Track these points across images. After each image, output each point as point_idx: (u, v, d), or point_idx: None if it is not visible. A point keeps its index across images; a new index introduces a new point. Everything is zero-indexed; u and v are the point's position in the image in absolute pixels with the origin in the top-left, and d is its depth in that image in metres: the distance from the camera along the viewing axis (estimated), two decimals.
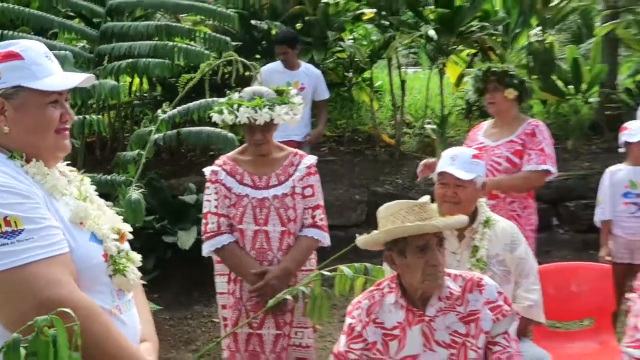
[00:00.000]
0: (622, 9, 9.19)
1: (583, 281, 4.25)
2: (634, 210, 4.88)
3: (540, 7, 8.38)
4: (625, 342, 2.67)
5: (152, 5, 6.18)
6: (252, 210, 3.54)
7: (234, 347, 3.58)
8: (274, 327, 3.57)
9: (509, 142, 4.58)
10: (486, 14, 8.97)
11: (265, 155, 3.63)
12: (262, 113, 3.42)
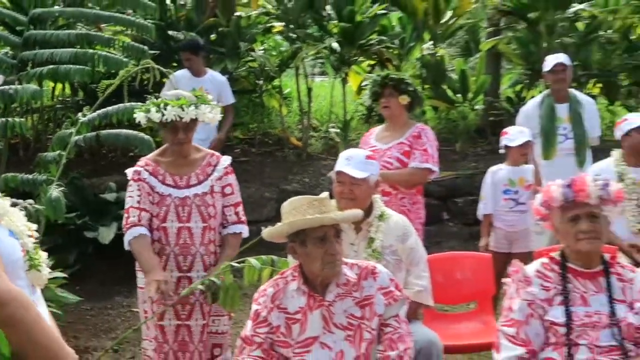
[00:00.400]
0: (503, 27, 9.49)
1: (467, 269, 4.35)
2: (512, 206, 5.04)
3: (432, 23, 8.56)
4: (500, 322, 2.77)
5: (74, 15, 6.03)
6: (175, 209, 3.50)
7: (162, 338, 3.50)
8: (201, 318, 3.53)
9: (399, 144, 4.69)
10: (384, 29, 9.11)
11: (185, 156, 3.60)
12: (189, 111, 3.40)
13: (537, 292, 2.70)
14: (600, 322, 2.65)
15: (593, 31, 9.01)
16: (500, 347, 2.69)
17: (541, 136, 5.68)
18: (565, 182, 2.78)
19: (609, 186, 2.81)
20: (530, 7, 8.69)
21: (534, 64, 8.52)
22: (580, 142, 5.65)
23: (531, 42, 8.89)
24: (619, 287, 2.74)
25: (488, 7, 9.37)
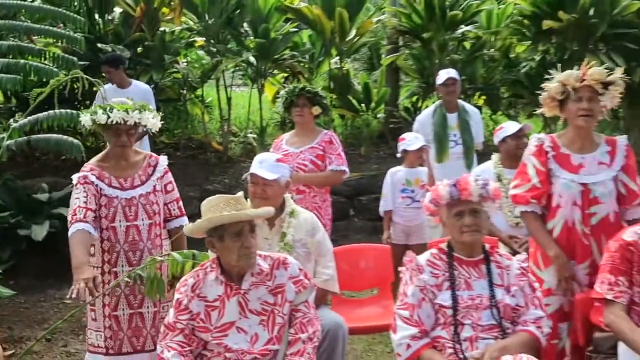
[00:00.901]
0: (401, 45, 9.68)
1: (369, 259, 4.40)
2: (409, 203, 5.13)
3: (338, 41, 8.64)
4: (396, 306, 2.83)
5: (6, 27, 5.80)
6: (122, 209, 3.39)
7: (117, 327, 3.40)
8: (152, 306, 3.45)
9: (311, 148, 4.73)
10: (296, 45, 9.15)
11: (126, 159, 3.51)
12: (133, 115, 3.32)
13: (427, 279, 2.77)
14: (481, 304, 2.74)
15: (478, 50, 9.30)
16: (397, 328, 2.75)
17: (434, 142, 5.81)
18: (451, 182, 2.86)
19: (488, 185, 2.90)
20: (424, 28, 8.89)
21: (428, 78, 8.74)
22: (468, 147, 5.82)
23: (425, 59, 9.10)
24: (498, 273, 2.83)
25: (387, 27, 9.56)
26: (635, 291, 2.81)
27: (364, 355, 4.57)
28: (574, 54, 8.66)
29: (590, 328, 3.01)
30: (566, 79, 3.15)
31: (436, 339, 2.73)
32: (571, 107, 3.15)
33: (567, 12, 8.53)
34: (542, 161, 3.21)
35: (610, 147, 3.26)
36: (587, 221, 3.16)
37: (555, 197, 3.19)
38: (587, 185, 3.15)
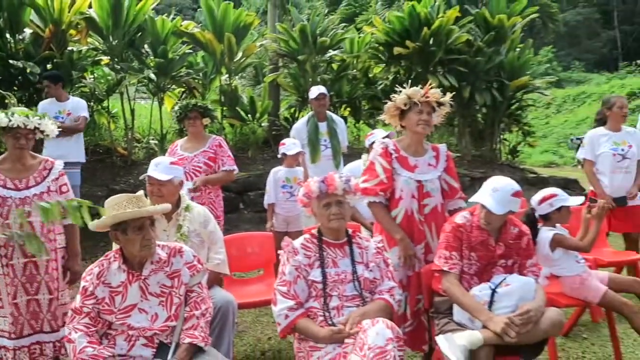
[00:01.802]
0: (281, 65, 9.70)
1: (255, 245, 4.37)
2: (288, 197, 5.15)
3: (227, 61, 8.53)
4: (276, 283, 2.82)
5: None
6: (16, 208, 3.18)
7: (17, 312, 3.19)
8: (48, 293, 3.26)
9: (203, 152, 4.65)
10: (191, 64, 8.94)
11: (23, 162, 3.28)
12: (33, 120, 3.18)
13: (301, 259, 2.79)
14: (346, 278, 2.79)
15: (343, 70, 9.51)
16: (277, 301, 2.74)
17: (309, 146, 5.88)
18: (320, 179, 2.90)
19: (350, 181, 2.96)
20: (299, 52, 8.97)
21: (303, 93, 8.82)
22: (336, 150, 5.92)
23: (301, 77, 9.19)
24: (359, 253, 2.89)
25: (269, 50, 9.55)
26: (464, 263, 2.96)
27: (252, 326, 4.54)
28: (419, 75, 9.05)
29: (432, 294, 3.14)
30: (413, 93, 3.26)
31: (310, 309, 2.74)
32: (413, 117, 3.27)
33: (413, 41, 8.90)
34: (388, 161, 3.29)
35: (435, 152, 3.42)
36: (422, 211, 3.29)
37: (397, 191, 3.29)
38: (421, 181, 3.29)
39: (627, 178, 5.02)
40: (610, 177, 5.02)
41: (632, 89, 23.96)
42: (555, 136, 23.64)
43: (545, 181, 9.65)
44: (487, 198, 2.87)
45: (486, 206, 2.85)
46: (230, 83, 8.94)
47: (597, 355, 3.82)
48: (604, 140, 5.06)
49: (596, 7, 39.51)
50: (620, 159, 5.00)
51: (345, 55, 9.55)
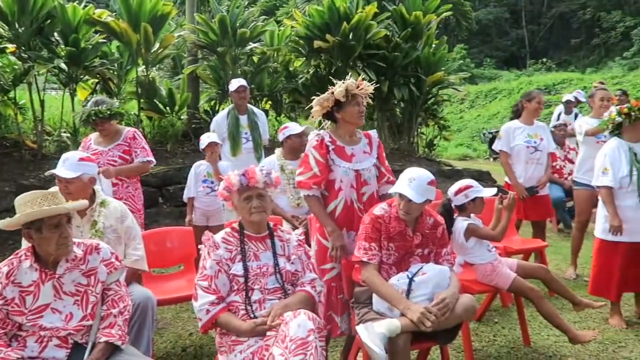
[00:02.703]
0: (200, 57, 9.52)
1: (175, 240, 4.28)
2: (208, 191, 5.10)
3: (144, 52, 8.26)
4: (197, 277, 2.76)
5: None
6: None
7: None
8: None
9: (117, 145, 4.51)
10: (105, 54, 8.60)
11: None
12: None
13: (223, 253, 2.76)
14: (267, 271, 2.78)
15: (264, 63, 9.45)
16: (198, 297, 2.70)
17: (229, 139, 5.83)
18: (241, 172, 2.87)
19: (271, 174, 2.96)
20: (219, 44, 8.83)
21: (223, 86, 8.70)
22: (257, 143, 5.91)
23: (221, 70, 9.05)
24: (280, 246, 2.89)
25: (188, 41, 9.34)
26: (383, 254, 3.04)
27: (172, 322, 4.46)
28: (339, 69, 9.15)
29: (353, 285, 3.19)
30: (351, 86, 3.29)
31: (231, 303, 2.72)
32: (352, 109, 3.29)
33: (333, 35, 8.99)
34: (322, 153, 3.29)
35: (367, 139, 3.47)
36: (361, 199, 3.34)
37: (337, 182, 3.30)
38: (359, 170, 3.33)
39: (538, 169, 5.37)
40: (524, 167, 5.34)
41: (538, 85, 25.30)
42: (469, 130, 24.62)
43: (460, 173, 10.05)
44: (406, 188, 2.95)
45: (407, 196, 2.93)
46: (148, 74, 8.68)
47: (507, 338, 4.03)
48: (519, 133, 5.36)
49: (506, 7, 41.42)
50: (533, 151, 5.31)
51: (265, 48, 9.50)
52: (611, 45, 34.94)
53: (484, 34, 40.22)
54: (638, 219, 4.09)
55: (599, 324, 4.26)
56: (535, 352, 3.78)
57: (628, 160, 4.12)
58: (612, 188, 4.17)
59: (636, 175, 4.09)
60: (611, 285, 4.25)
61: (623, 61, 30.61)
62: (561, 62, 36.14)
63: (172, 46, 9.22)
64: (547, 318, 3.66)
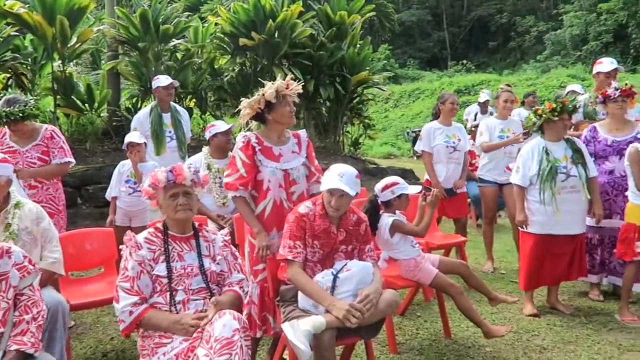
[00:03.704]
0: (121, 53, 9.22)
1: (95, 241, 4.14)
2: (131, 192, 4.98)
3: (60, 46, 7.91)
4: (118, 279, 2.69)
5: None
6: None
7: None
8: None
9: (36, 146, 4.29)
10: (17, 48, 8.19)
11: None
12: None
13: (145, 254, 2.69)
14: (192, 272, 2.74)
15: (187, 59, 9.28)
16: (119, 298, 2.63)
17: (152, 137, 5.70)
18: (168, 169, 2.82)
19: (199, 172, 2.93)
20: (140, 39, 8.59)
21: (146, 82, 8.47)
22: (181, 142, 5.82)
23: (143, 66, 8.80)
24: (205, 246, 2.86)
25: (107, 36, 9.02)
26: (308, 251, 3.07)
27: (93, 327, 4.32)
28: (265, 67, 9.14)
29: (278, 283, 3.21)
30: (281, 87, 3.27)
31: (154, 304, 2.66)
32: (283, 109, 3.27)
33: (259, 33, 8.96)
34: (248, 155, 3.26)
35: (296, 139, 3.47)
36: (290, 198, 3.34)
37: (265, 182, 3.28)
38: (287, 170, 3.32)
39: (457, 168, 5.63)
40: (445, 167, 5.55)
41: (459, 86, 26.25)
42: (393, 129, 25.19)
43: (385, 171, 10.27)
44: (339, 184, 2.99)
45: (343, 190, 2.98)
46: (64, 70, 8.32)
47: (429, 331, 4.16)
48: (438, 134, 5.59)
49: (428, 10, 42.65)
50: (452, 151, 5.55)
51: (189, 45, 9.34)
52: (526, 48, 36.73)
53: (408, 35, 41.24)
54: (543, 213, 4.34)
55: (514, 314, 4.48)
56: (455, 344, 3.93)
57: (539, 159, 4.36)
58: (524, 187, 4.41)
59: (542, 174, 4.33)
60: (526, 274, 4.50)
61: (537, 64, 32.28)
62: (480, 63, 37.59)
63: (91, 41, 8.87)
64: (464, 313, 3.81)
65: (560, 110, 4.33)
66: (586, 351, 3.77)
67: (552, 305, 4.62)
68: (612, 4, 30.15)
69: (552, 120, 4.35)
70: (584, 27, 31.51)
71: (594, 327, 4.20)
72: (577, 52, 30.89)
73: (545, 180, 4.30)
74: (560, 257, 4.45)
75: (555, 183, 4.28)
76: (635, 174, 4.21)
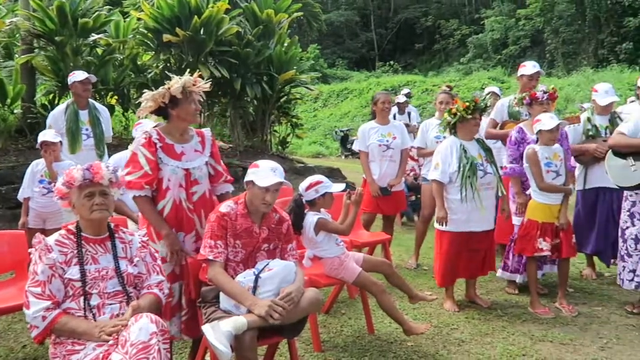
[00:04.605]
0: (37, 47, 8.78)
1: (4, 245, 3.92)
2: (45, 192, 4.80)
3: None
4: (27, 284, 2.55)
5: None
6: None
7: None
8: None
9: None
10: None
11: None
12: None
13: (56, 257, 2.57)
14: (107, 275, 2.65)
15: (108, 55, 8.97)
16: (30, 304, 2.50)
17: (67, 135, 5.50)
18: (85, 167, 2.71)
19: (117, 172, 2.83)
20: (57, 33, 8.22)
21: (63, 78, 8.10)
22: (99, 140, 5.64)
23: (60, 61, 8.42)
24: (122, 248, 2.77)
25: (21, 29, 8.57)
26: (230, 251, 3.04)
27: (3, 335, 4.11)
28: (190, 64, 8.96)
29: (200, 284, 3.15)
30: (187, 82, 3.20)
31: (67, 310, 2.55)
32: (188, 106, 3.20)
33: (183, 29, 8.79)
34: (151, 151, 3.17)
35: (200, 137, 3.39)
36: (190, 199, 3.25)
37: (165, 181, 3.19)
38: (189, 169, 3.24)
39: (392, 166, 5.74)
40: (379, 165, 5.67)
41: (386, 86, 26.73)
42: (322, 128, 25.36)
43: (312, 170, 10.30)
44: (276, 178, 3.00)
45: (284, 184, 3.02)
46: None
47: (353, 328, 4.22)
48: (373, 133, 5.74)
49: (356, 10, 43.24)
50: (385, 149, 5.67)
51: (111, 40, 9.03)
52: (450, 51, 37.91)
53: (336, 36, 41.66)
54: (462, 211, 4.48)
55: (435, 308, 4.61)
56: (378, 340, 4.00)
57: (458, 156, 4.50)
58: (442, 183, 4.53)
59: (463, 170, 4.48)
60: (442, 271, 4.64)
61: (460, 66, 33.39)
62: (407, 65, 38.48)
63: (3, 33, 8.42)
64: (386, 311, 3.89)
65: (473, 109, 4.49)
66: (501, 342, 3.93)
67: (470, 299, 4.79)
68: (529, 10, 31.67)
69: (466, 119, 4.51)
70: (504, 32, 32.94)
71: (509, 319, 4.39)
72: (498, 55, 32.22)
73: (467, 176, 4.44)
74: (475, 252, 4.62)
75: (476, 179, 4.44)
76: (535, 174, 4.44)
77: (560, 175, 4.49)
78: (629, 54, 27.75)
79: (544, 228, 4.45)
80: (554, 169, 4.46)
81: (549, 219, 4.46)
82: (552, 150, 4.49)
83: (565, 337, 4.03)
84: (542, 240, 4.43)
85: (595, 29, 30.11)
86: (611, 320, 4.39)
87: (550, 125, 4.38)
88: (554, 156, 4.48)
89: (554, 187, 4.44)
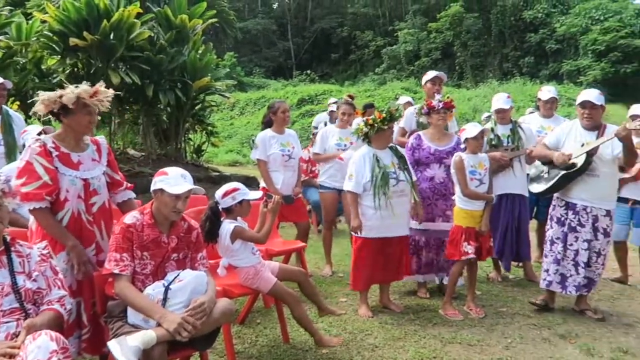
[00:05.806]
0: None
1: None
2: None
3: None
4: None
5: None
6: None
7: None
8: None
9: None
10: None
11: None
12: None
13: None
14: (3, 291, 2.49)
15: (9, 58, 8.48)
16: None
17: None
18: None
19: (10, 182, 2.67)
20: None
21: None
22: (10, 148, 5.33)
23: None
24: (19, 262, 2.61)
25: None
26: (137, 264, 2.93)
27: None
28: (99, 70, 8.64)
29: (106, 298, 3.02)
30: (84, 93, 3.04)
31: None
32: (82, 118, 3.04)
33: (91, 33, 8.45)
34: (49, 160, 3.00)
35: (96, 146, 3.26)
36: (89, 210, 3.12)
37: (63, 192, 3.02)
38: (87, 179, 3.10)
39: (293, 175, 5.78)
40: (282, 174, 5.63)
41: (302, 95, 26.94)
42: (239, 137, 25.15)
43: (228, 179, 10.18)
44: (187, 185, 2.95)
45: (194, 190, 2.97)
46: None
47: (268, 337, 4.18)
48: (274, 142, 5.65)
49: (273, 19, 43.38)
50: (287, 159, 5.65)
51: (12, 42, 8.54)
52: (365, 61, 38.77)
53: (254, 44, 41.57)
54: (376, 218, 4.57)
55: (349, 315, 4.66)
56: (293, 348, 3.99)
57: (371, 167, 4.59)
58: (357, 193, 4.61)
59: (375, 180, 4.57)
60: (358, 277, 4.72)
61: (375, 76, 34.24)
62: (324, 74, 38.97)
63: None
64: (299, 322, 3.89)
65: (389, 119, 4.61)
66: (413, 346, 4.03)
67: (384, 304, 4.88)
68: (440, 24, 33.03)
69: (382, 129, 4.61)
70: (416, 44, 34.17)
71: (420, 323, 4.50)
72: (411, 66, 33.34)
73: (379, 186, 4.53)
74: (389, 257, 4.72)
75: (388, 188, 4.54)
76: (460, 181, 4.61)
77: (484, 184, 4.68)
78: (530, 68, 29.59)
79: (468, 232, 4.62)
80: (478, 177, 4.65)
81: (472, 224, 4.64)
82: (478, 159, 4.69)
83: (473, 338, 4.19)
84: (467, 244, 4.60)
85: (500, 43, 31.88)
86: (515, 320, 4.60)
87: (474, 132, 4.58)
88: (479, 165, 4.68)
89: (477, 195, 4.62)
